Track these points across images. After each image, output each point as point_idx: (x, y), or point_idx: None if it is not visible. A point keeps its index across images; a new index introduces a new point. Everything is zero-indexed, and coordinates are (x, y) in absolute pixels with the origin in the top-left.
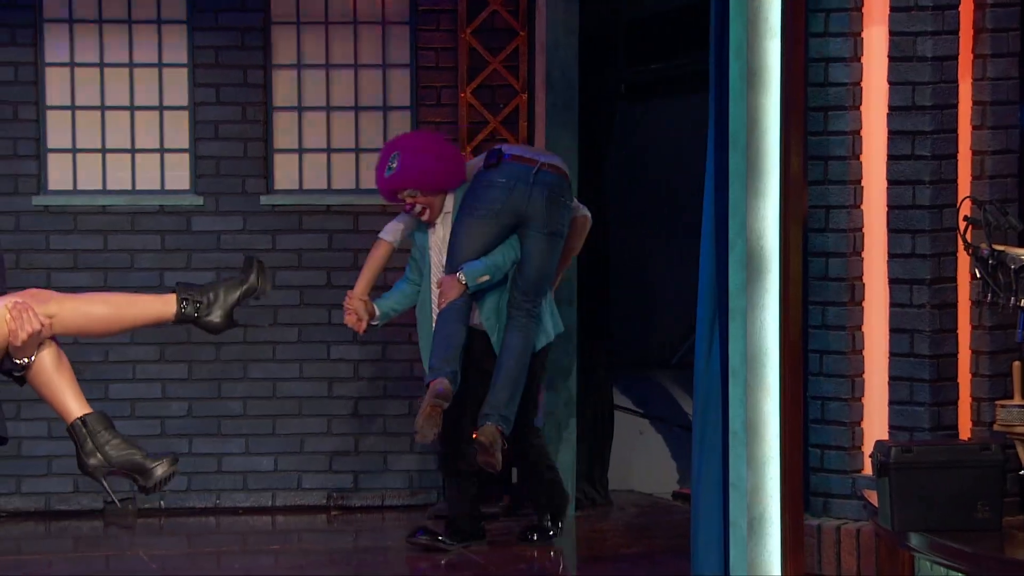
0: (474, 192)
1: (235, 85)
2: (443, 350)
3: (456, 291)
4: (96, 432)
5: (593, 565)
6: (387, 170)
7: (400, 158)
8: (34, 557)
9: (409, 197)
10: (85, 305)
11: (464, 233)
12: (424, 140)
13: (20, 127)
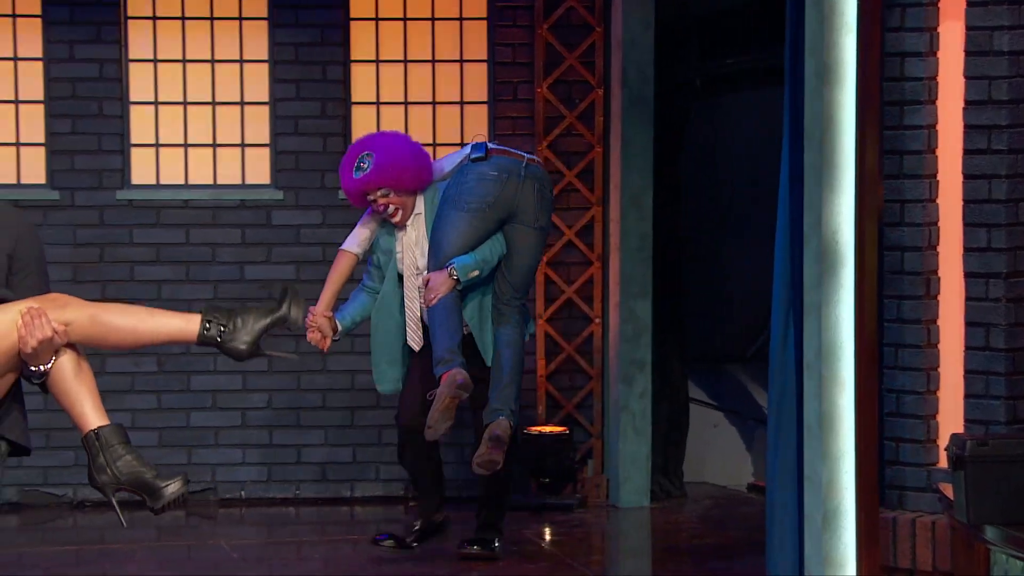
0: (463, 185)
1: (315, 81)
2: (448, 340)
3: (447, 286)
4: (109, 446)
5: (669, 556)
6: (356, 171)
7: (374, 158)
8: (118, 546)
9: (382, 198)
10: (104, 314)
11: (453, 227)
12: (396, 139)
13: (105, 122)
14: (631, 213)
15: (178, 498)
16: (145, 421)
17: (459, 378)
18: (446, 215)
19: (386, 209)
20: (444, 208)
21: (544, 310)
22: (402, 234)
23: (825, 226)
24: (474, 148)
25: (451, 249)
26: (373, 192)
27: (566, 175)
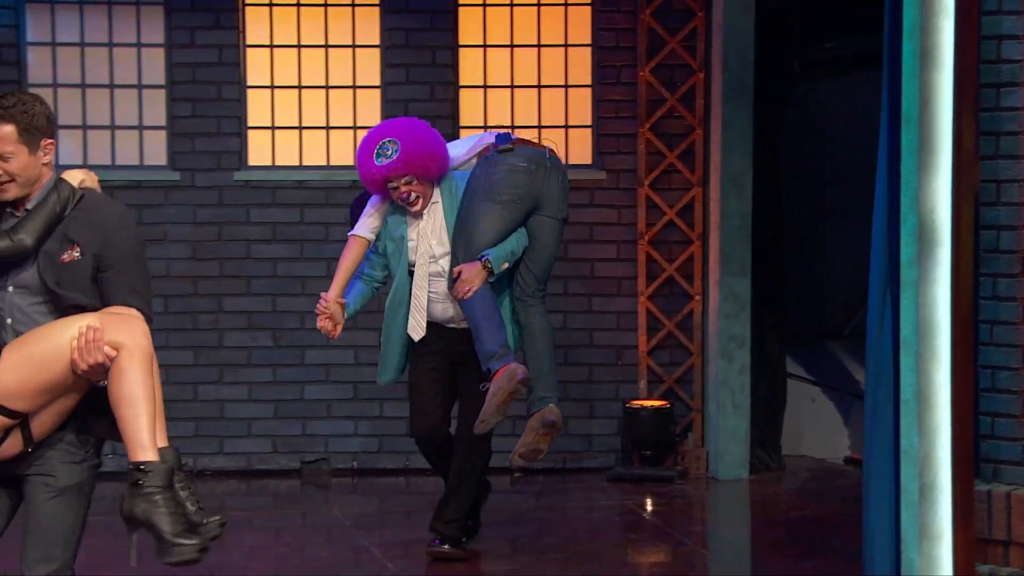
0: (492, 176)
1: (424, 65)
2: (497, 334)
3: (481, 278)
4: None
5: (767, 527)
6: (379, 157)
7: (400, 145)
8: (236, 514)
9: (405, 185)
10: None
11: (486, 219)
12: (419, 127)
13: (223, 106)
14: (731, 193)
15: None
16: (261, 394)
17: (520, 373)
18: (477, 206)
19: (408, 196)
20: (474, 199)
21: (646, 287)
22: (417, 222)
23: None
24: (500, 139)
25: (483, 240)
26: (397, 179)
27: (667, 156)
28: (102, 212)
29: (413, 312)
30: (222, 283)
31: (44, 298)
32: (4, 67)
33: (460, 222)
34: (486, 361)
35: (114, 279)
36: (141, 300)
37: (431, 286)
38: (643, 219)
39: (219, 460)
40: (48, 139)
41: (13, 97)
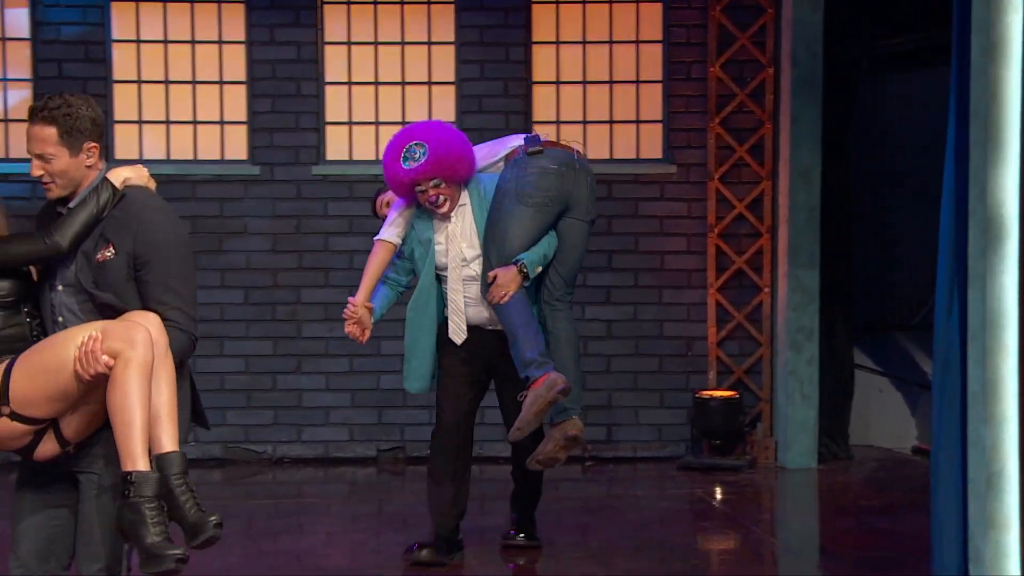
0: (523, 179)
1: (498, 62)
2: (536, 342)
3: (516, 283)
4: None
5: (835, 516)
6: (407, 160)
7: (428, 148)
8: (313, 500)
9: (433, 189)
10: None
11: (518, 222)
12: (446, 129)
13: (302, 102)
14: (800, 187)
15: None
16: (338, 383)
17: (560, 383)
18: (509, 209)
19: (436, 200)
20: (504, 201)
21: (715, 279)
22: (445, 225)
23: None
24: (529, 141)
25: (516, 244)
26: (425, 183)
27: (737, 150)
28: (139, 211)
29: (452, 317)
30: (300, 275)
31: (86, 296)
32: (91, 64)
33: (491, 225)
34: (524, 368)
35: (149, 278)
36: (178, 298)
37: (464, 290)
38: (713, 212)
39: (297, 448)
40: (91, 142)
41: (59, 99)
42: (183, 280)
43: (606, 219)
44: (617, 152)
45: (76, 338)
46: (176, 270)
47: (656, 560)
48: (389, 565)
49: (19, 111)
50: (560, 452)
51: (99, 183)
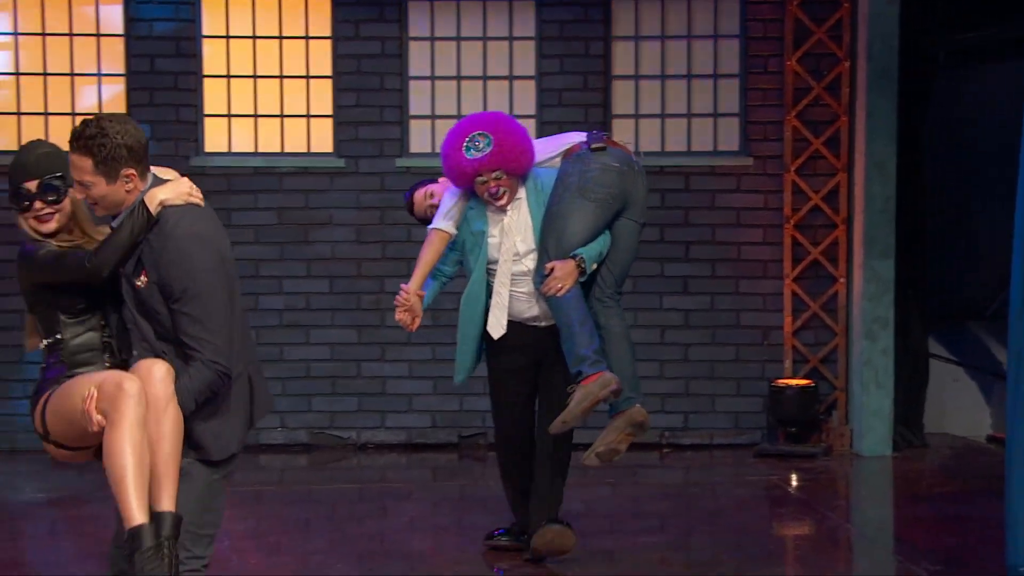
0: (586, 174)
1: (577, 56)
2: (591, 339)
3: (573, 278)
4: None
5: (911, 504)
6: (470, 151)
7: (492, 139)
8: (397, 485)
9: (494, 180)
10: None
11: (580, 216)
12: (509, 121)
13: (386, 96)
14: (875, 178)
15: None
16: (421, 371)
17: (614, 384)
18: (571, 203)
19: (496, 191)
20: (566, 196)
21: (791, 270)
22: (500, 218)
23: None
24: (593, 138)
25: (576, 239)
26: (487, 173)
27: (813, 143)
28: (166, 240)
29: (494, 310)
30: (384, 265)
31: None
32: (182, 59)
33: (551, 218)
34: (577, 364)
35: (177, 308)
36: (205, 331)
37: (514, 284)
38: (789, 204)
39: (381, 434)
40: (128, 168)
41: (95, 127)
42: (212, 311)
43: (683, 210)
44: (695, 145)
45: (83, 391)
46: (204, 302)
47: (732, 545)
48: (471, 549)
49: (113, 105)
50: (623, 442)
51: (135, 207)
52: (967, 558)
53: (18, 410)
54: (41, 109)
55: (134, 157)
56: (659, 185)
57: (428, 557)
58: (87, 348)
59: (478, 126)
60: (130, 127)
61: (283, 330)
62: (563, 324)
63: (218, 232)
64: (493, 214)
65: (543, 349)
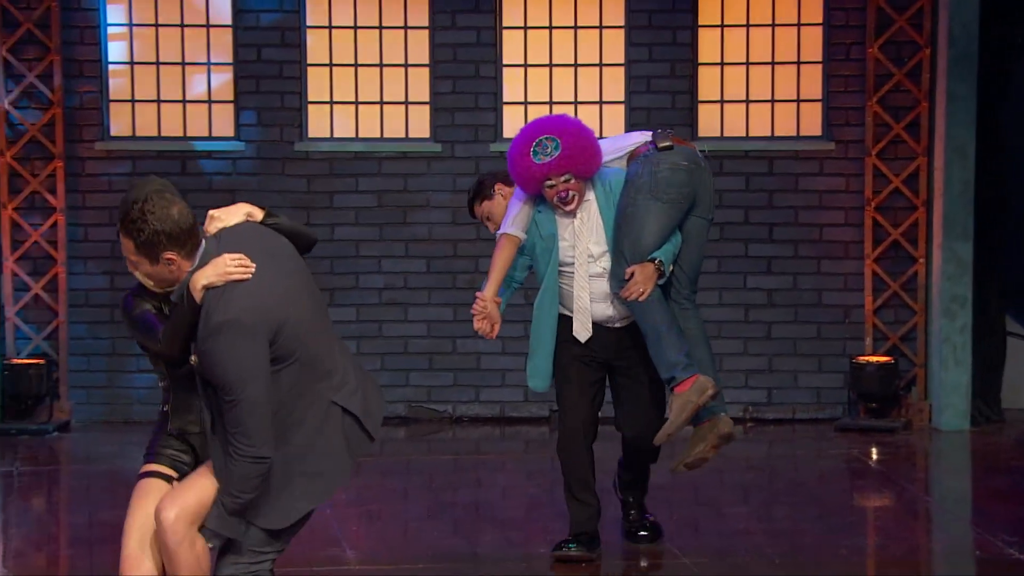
0: (657, 175)
1: (665, 44)
2: (681, 342)
3: (654, 281)
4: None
5: (989, 475)
6: (538, 155)
7: (561, 142)
8: (490, 456)
9: (564, 184)
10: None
11: (655, 218)
12: (577, 123)
13: (481, 83)
14: (955, 162)
15: None
16: (514, 347)
17: (711, 388)
18: (644, 205)
19: (566, 196)
20: (639, 197)
21: (872, 250)
22: (570, 220)
23: None
24: (658, 136)
25: (652, 241)
26: (556, 177)
27: (894, 127)
28: (204, 331)
29: (577, 314)
30: (478, 245)
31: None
32: (286, 48)
33: (625, 221)
34: (669, 370)
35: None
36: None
37: (590, 286)
38: (870, 187)
39: (475, 407)
40: (168, 253)
41: (138, 211)
42: (247, 404)
43: (767, 193)
44: (778, 130)
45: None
46: (238, 393)
47: (814, 517)
48: (561, 517)
49: (222, 93)
50: (711, 452)
51: (183, 292)
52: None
53: (133, 383)
54: (154, 97)
55: (174, 242)
56: (743, 169)
57: (520, 525)
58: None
59: (545, 130)
60: (173, 211)
61: (382, 308)
62: (649, 329)
63: (265, 297)
64: (562, 217)
65: (617, 350)
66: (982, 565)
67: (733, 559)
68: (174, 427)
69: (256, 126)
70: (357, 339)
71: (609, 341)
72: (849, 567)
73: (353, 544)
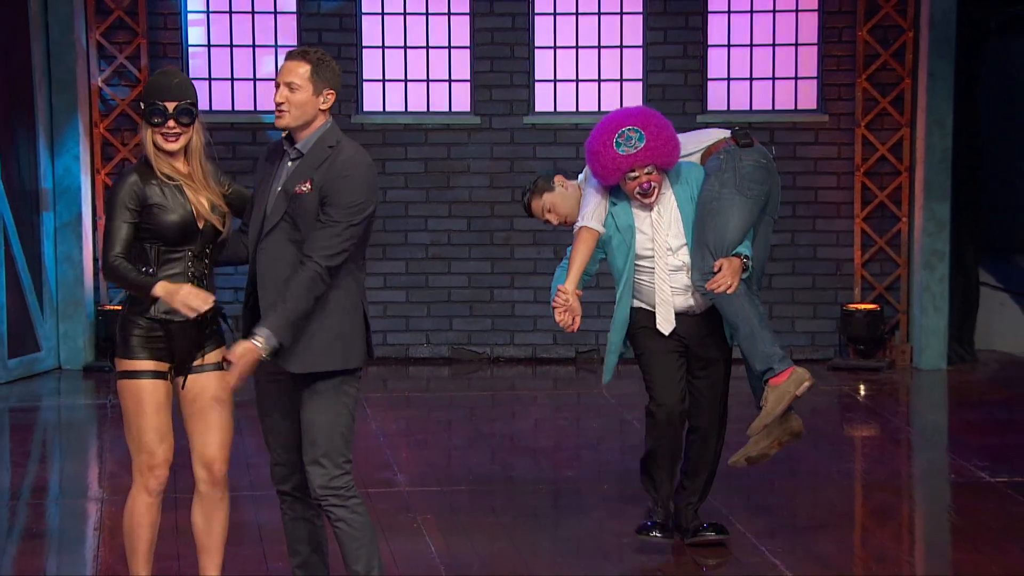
0: (740, 171)
1: (679, 28)
2: (773, 335)
3: (739, 274)
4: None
5: (963, 409)
6: (622, 146)
7: (646, 133)
8: (523, 393)
9: (646, 175)
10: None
11: (740, 214)
12: (657, 115)
13: (515, 63)
14: (934, 132)
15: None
16: (544, 296)
17: (808, 380)
18: (729, 199)
19: (648, 187)
20: (724, 192)
21: (861, 210)
22: (648, 213)
23: None
24: (739, 133)
25: (737, 235)
26: (639, 169)
27: (880, 102)
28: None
29: (660, 307)
30: (513, 207)
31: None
32: (344, 32)
33: (710, 215)
34: (765, 361)
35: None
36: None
37: (669, 279)
38: (859, 154)
39: (510, 350)
40: (330, 90)
41: (319, 50)
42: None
43: (813, 160)
44: (778, 104)
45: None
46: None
47: (809, 445)
48: (586, 446)
49: None
50: (776, 447)
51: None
52: (1011, 456)
53: None
54: (227, 76)
55: (336, 85)
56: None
57: (550, 453)
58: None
59: (629, 120)
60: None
61: (428, 262)
62: (742, 322)
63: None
64: (639, 209)
65: (693, 335)
66: (956, 487)
67: (738, 482)
68: (159, 312)
69: None
70: (406, 289)
71: (691, 331)
72: (840, 489)
73: (403, 469)
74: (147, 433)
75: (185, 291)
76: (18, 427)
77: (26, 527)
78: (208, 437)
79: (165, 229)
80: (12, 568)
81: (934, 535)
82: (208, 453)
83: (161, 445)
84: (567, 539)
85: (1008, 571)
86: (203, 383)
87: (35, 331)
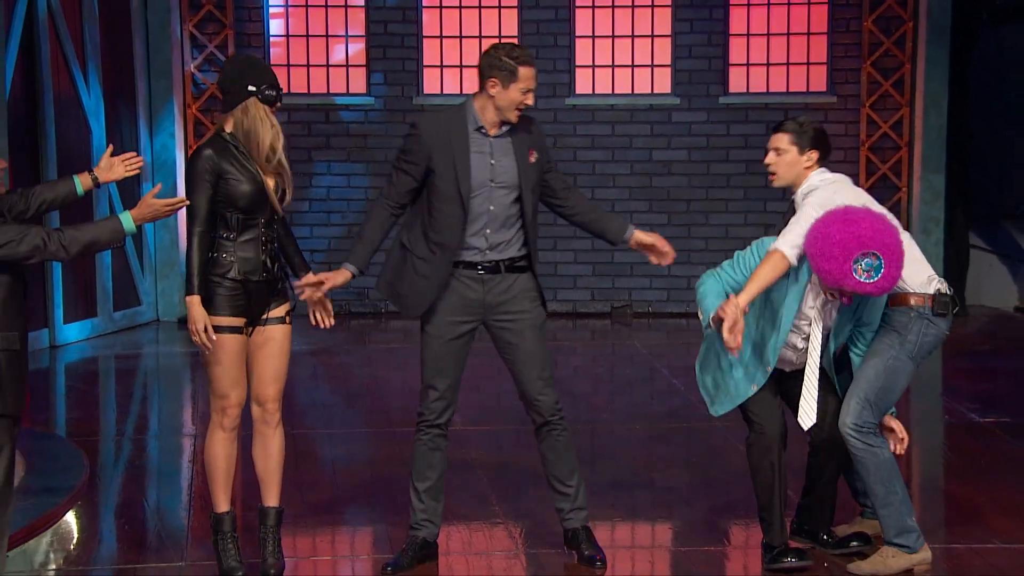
0: (924, 338)
1: (703, 19)
2: (911, 506)
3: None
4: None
5: (955, 358)
6: (860, 272)
7: (885, 263)
8: (564, 343)
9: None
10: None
11: (905, 379)
12: (892, 234)
13: (557, 51)
14: (931, 111)
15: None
16: (583, 258)
17: (927, 566)
18: (904, 364)
19: (850, 303)
20: (902, 354)
21: (865, 181)
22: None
23: None
24: (940, 301)
25: (898, 398)
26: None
27: (883, 84)
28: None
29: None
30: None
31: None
32: (407, 23)
33: (884, 372)
34: (903, 535)
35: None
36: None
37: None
38: (864, 131)
39: (553, 305)
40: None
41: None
42: None
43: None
44: (792, 87)
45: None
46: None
47: None
48: (621, 392)
49: (357, 58)
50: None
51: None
52: (999, 399)
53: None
54: (304, 62)
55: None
56: (764, 118)
57: (588, 396)
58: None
59: (866, 244)
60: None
61: None
62: (882, 489)
63: None
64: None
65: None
66: (949, 427)
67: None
68: (240, 274)
69: (383, 84)
70: None
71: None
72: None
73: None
74: (223, 379)
75: (198, 316)
76: (122, 372)
77: (129, 460)
78: (267, 380)
79: (239, 198)
80: (118, 495)
81: (930, 469)
82: (264, 393)
83: (234, 389)
84: (603, 471)
85: (995, 499)
86: (268, 334)
87: (136, 287)
